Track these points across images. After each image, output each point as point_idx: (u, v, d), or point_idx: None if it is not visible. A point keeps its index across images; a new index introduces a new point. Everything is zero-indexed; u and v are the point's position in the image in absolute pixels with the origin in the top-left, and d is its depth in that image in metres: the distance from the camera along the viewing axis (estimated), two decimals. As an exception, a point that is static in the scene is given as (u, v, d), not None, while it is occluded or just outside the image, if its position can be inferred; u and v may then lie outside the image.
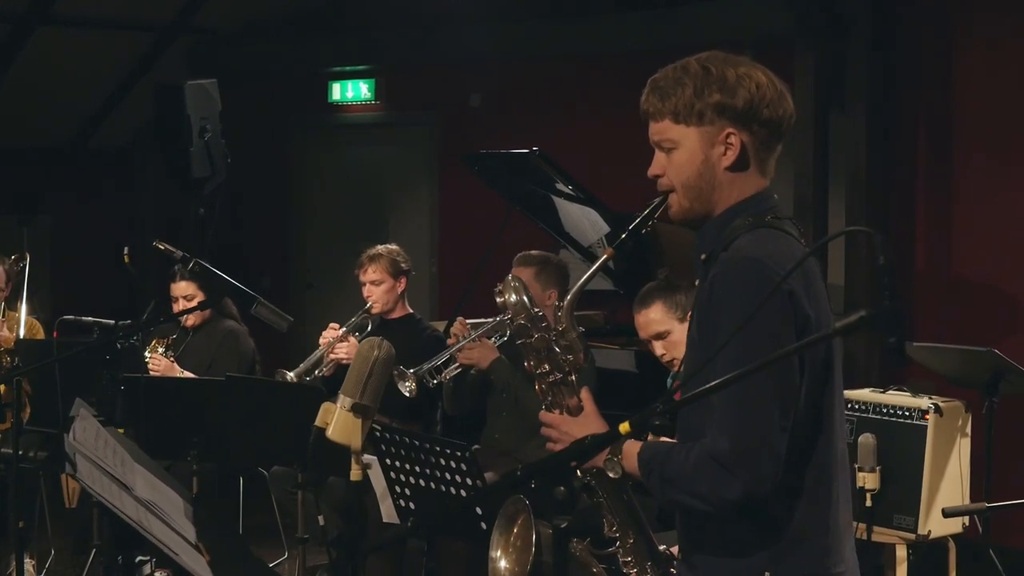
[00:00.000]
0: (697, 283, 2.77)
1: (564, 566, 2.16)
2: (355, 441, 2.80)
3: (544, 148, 7.02)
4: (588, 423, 2.79)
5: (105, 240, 9.71)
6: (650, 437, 4.22)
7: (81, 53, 9.98)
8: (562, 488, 2.10)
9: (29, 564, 6.56)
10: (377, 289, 6.38)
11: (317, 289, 10.90)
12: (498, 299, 2.93)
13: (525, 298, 2.92)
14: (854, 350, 7.35)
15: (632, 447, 2.68)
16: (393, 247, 6.49)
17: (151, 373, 6.34)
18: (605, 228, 7.11)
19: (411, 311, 6.53)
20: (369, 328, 6.42)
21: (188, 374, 6.44)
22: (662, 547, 2.92)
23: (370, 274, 6.40)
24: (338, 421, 2.82)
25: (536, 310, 2.92)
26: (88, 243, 10.66)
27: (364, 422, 2.81)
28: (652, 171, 2.78)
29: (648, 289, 4.82)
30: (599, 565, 2.95)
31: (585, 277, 2.91)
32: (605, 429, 2.73)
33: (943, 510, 3.90)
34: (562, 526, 2.13)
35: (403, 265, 6.43)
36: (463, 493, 4.38)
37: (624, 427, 2.11)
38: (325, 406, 2.88)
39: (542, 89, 9.59)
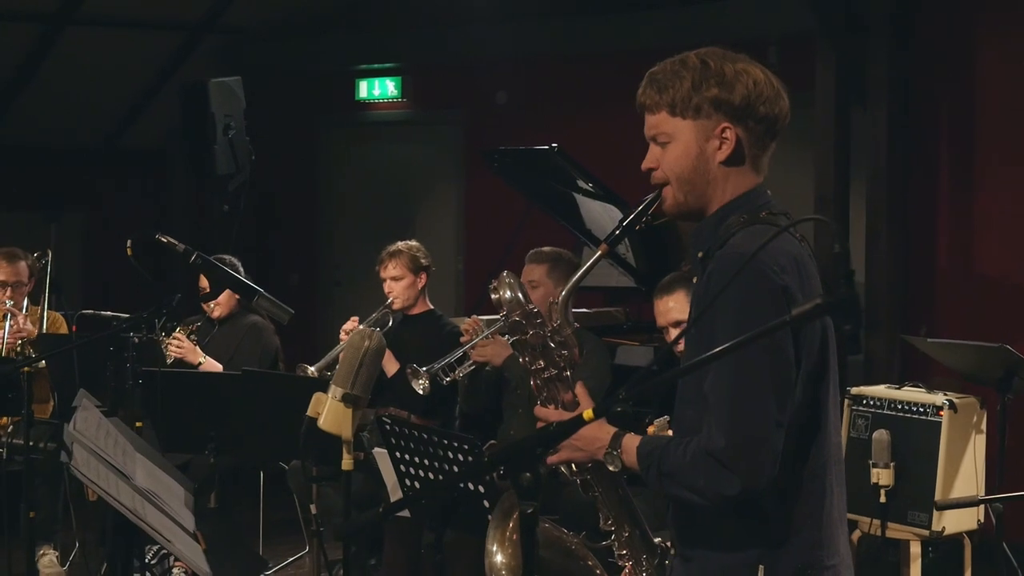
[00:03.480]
0: (695, 280, 2.78)
1: (533, 551, 2.18)
2: (345, 431, 2.84)
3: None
4: None
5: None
6: (653, 430, 4.24)
7: (111, 53, 10.07)
8: (528, 474, 2.13)
9: (53, 555, 6.64)
10: (397, 285, 6.42)
11: (345, 286, 10.96)
12: (492, 296, 2.95)
13: (520, 294, 2.94)
14: (875, 347, 7.35)
15: (631, 441, 2.70)
16: (413, 243, 6.53)
17: (173, 354, 6.48)
18: (627, 225, 7.11)
19: (431, 307, 6.56)
20: (390, 324, 6.46)
21: (211, 360, 6.52)
22: (657, 540, 2.94)
23: (390, 270, 6.43)
24: (329, 411, 2.85)
25: (531, 306, 2.94)
26: (119, 241, 10.73)
27: (355, 412, 2.84)
28: (646, 164, 2.79)
29: (671, 278, 4.86)
30: (595, 558, 2.97)
31: (580, 273, 2.92)
32: (601, 424, 2.76)
33: (935, 503, 3.89)
34: (528, 511, 2.15)
35: (423, 261, 6.46)
36: (471, 486, 4.40)
37: (588, 414, 2.14)
38: (317, 396, 2.92)
39: (568, 86, 9.61)
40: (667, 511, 2.80)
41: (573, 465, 2.87)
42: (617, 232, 2.87)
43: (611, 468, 2.71)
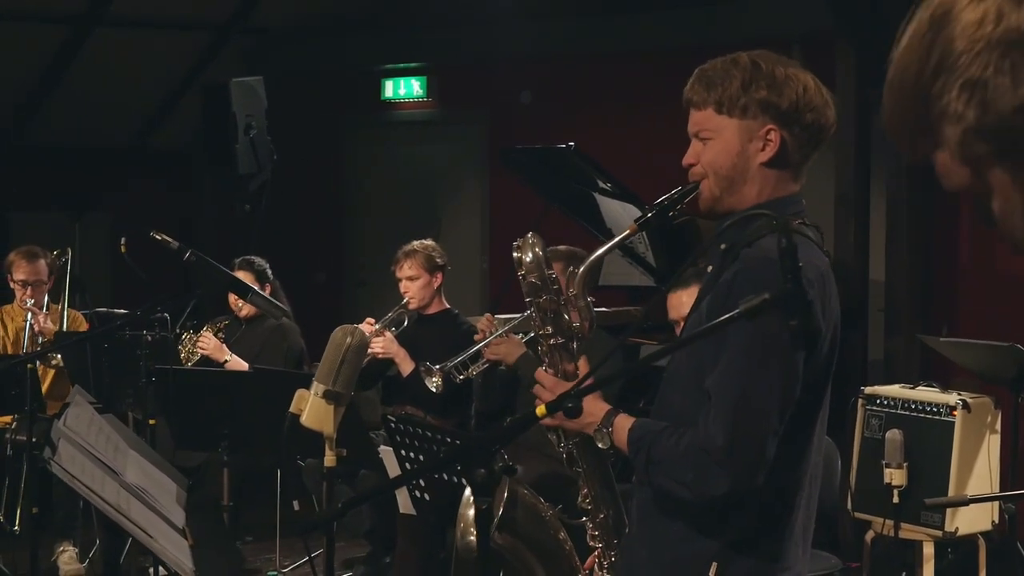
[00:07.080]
0: (710, 269, 2.76)
1: (488, 546, 2.18)
2: (327, 427, 2.84)
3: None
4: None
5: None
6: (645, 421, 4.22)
7: (138, 54, 10.14)
8: (482, 471, 2.12)
9: (72, 552, 6.69)
10: (413, 284, 6.42)
11: (370, 286, 10.99)
12: (515, 254, 2.95)
13: (541, 256, 2.94)
14: (895, 348, 7.31)
15: (624, 422, 2.71)
16: (429, 243, 6.53)
17: (200, 351, 6.58)
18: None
19: (448, 306, 6.57)
20: (406, 323, 6.47)
21: (237, 358, 6.57)
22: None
23: (406, 270, 6.44)
24: (311, 408, 2.86)
25: (550, 272, 2.95)
26: (147, 240, 10.78)
27: (337, 409, 2.85)
28: (686, 160, 2.77)
29: (687, 273, 4.86)
30: (566, 533, 2.96)
31: (603, 249, 2.90)
32: (596, 399, 2.77)
33: (924, 501, 3.87)
34: (483, 507, 2.15)
35: (438, 260, 6.46)
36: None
37: (540, 410, 2.15)
38: (299, 392, 2.94)
39: (592, 86, 9.61)
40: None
41: (562, 433, 2.88)
42: (650, 215, 2.83)
43: (600, 445, 2.72)
